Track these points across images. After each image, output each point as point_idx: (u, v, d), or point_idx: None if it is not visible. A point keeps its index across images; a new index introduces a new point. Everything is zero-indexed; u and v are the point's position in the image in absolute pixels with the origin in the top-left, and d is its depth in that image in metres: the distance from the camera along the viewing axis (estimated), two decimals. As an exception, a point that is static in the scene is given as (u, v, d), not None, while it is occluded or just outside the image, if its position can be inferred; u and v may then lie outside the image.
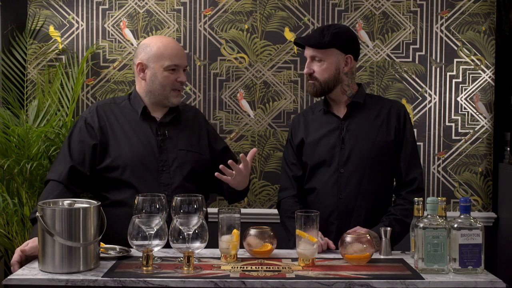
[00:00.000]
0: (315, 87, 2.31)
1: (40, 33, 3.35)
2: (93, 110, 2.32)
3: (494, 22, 3.30)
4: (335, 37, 2.27)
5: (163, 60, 2.27)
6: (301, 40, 2.34)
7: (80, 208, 1.82)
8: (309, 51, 2.31)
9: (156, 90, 2.29)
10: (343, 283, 1.74)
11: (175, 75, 2.28)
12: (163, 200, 1.90)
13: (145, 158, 2.25)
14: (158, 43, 2.29)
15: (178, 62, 2.28)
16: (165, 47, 2.28)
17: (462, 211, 1.85)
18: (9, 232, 3.02)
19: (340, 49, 2.29)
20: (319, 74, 2.30)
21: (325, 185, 2.32)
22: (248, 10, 3.32)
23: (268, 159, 3.34)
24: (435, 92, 3.32)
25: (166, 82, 2.27)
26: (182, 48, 2.35)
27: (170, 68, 2.27)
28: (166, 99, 2.29)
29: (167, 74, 2.27)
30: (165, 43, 2.30)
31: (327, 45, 2.27)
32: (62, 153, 2.27)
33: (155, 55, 2.27)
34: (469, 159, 3.32)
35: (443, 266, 1.82)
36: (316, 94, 2.34)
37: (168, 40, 2.33)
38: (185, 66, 2.32)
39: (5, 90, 3.27)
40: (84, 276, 1.77)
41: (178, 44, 2.35)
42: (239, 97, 3.34)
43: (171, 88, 2.28)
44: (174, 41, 2.34)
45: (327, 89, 2.31)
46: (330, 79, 2.29)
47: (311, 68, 2.31)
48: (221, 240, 1.98)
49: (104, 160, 2.25)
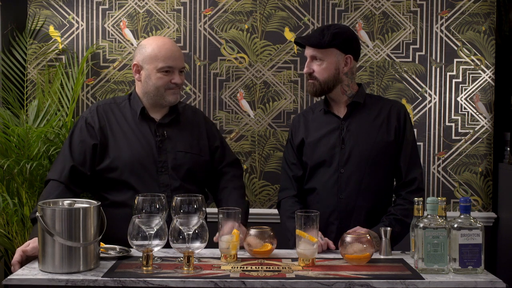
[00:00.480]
0: (314, 87, 2.31)
1: (40, 33, 3.35)
2: (93, 110, 2.32)
3: (494, 22, 3.30)
4: (335, 37, 2.27)
5: (157, 62, 2.24)
6: (301, 40, 2.34)
7: (80, 208, 1.82)
8: (309, 50, 2.32)
9: (151, 91, 2.27)
10: (343, 283, 1.74)
11: (169, 76, 2.25)
12: (163, 200, 1.90)
13: (144, 159, 2.24)
14: (153, 44, 2.26)
15: (172, 64, 2.24)
16: (159, 48, 2.24)
17: (462, 211, 1.85)
18: (9, 232, 3.02)
19: (340, 49, 2.29)
20: (318, 73, 2.30)
21: (325, 185, 2.32)
22: (248, 10, 3.32)
23: (268, 159, 3.34)
24: (435, 92, 3.32)
25: (159, 84, 2.25)
26: (179, 49, 2.32)
27: (164, 69, 2.24)
28: (163, 99, 2.27)
29: (160, 75, 2.24)
30: (160, 44, 2.26)
31: (327, 45, 2.27)
32: (62, 152, 2.27)
33: (149, 57, 2.25)
34: (469, 159, 3.32)
35: (443, 266, 1.82)
36: (315, 94, 2.34)
37: (164, 42, 2.28)
38: (180, 67, 2.28)
39: (5, 90, 3.28)
40: (84, 276, 1.77)
41: (174, 45, 2.30)
42: (239, 97, 3.34)
43: (166, 88, 2.26)
44: (170, 42, 2.29)
45: (327, 89, 2.31)
46: (330, 79, 2.30)
47: (311, 67, 2.31)
48: (221, 240, 1.98)
49: (104, 160, 2.25)
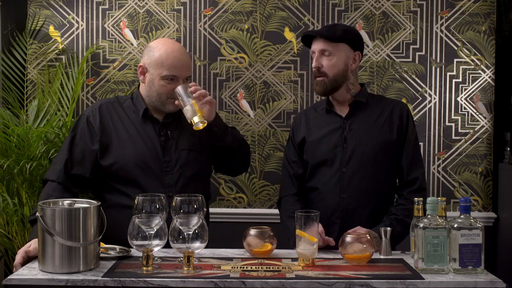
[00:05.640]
0: (324, 85, 2.28)
1: (40, 33, 3.35)
2: (96, 109, 2.30)
3: (494, 22, 3.30)
4: (345, 32, 2.28)
5: (162, 69, 2.21)
6: (313, 32, 2.31)
7: (80, 208, 1.82)
8: (319, 44, 2.28)
9: (153, 96, 2.26)
10: (343, 283, 1.74)
11: (173, 85, 2.22)
12: (163, 200, 1.90)
13: (149, 160, 2.23)
14: (161, 50, 2.23)
15: (176, 73, 2.22)
16: (167, 55, 2.21)
17: (462, 211, 1.85)
18: (9, 232, 3.02)
19: (350, 44, 2.29)
20: (328, 69, 2.27)
21: (327, 184, 2.32)
22: (248, 10, 3.32)
23: (268, 159, 3.34)
24: (435, 92, 3.32)
25: (162, 91, 2.23)
26: (188, 57, 2.27)
27: (168, 77, 2.22)
28: (163, 106, 2.26)
29: (163, 83, 2.22)
30: (168, 51, 2.22)
31: (339, 38, 2.26)
32: (62, 152, 2.26)
33: (156, 62, 2.23)
34: (469, 159, 3.32)
35: (443, 266, 1.82)
36: (325, 93, 2.30)
37: (173, 48, 2.23)
38: (185, 77, 2.25)
39: (5, 90, 3.27)
40: (84, 276, 1.77)
41: (182, 52, 2.25)
42: (239, 97, 3.34)
43: (168, 97, 2.24)
44: (179, 50, 2.25)
45: (336, 86, 2.29)
46: (339, 74, 2.27)
47: (320, 62, 2.28)
48: (185, 109, 2.17)
49: (107, 160, 2.23)
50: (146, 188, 2.19)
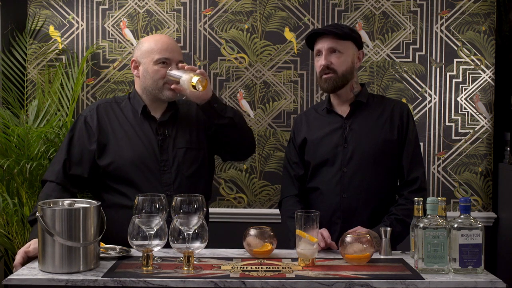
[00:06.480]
0: (333, 80, 2.27)
1: (40, 33, 3.35)
2: (93, 109, 2.31)
3: (494, 22, 3.30)
4: (351, 31, 2.31)
5: (153, 54, 2.26)
6: (322, 29, 2.30)
7: (80, 208, 1.82)
8: (327, 43, 2.28)
9: (149, 85, 2.28)
10: (343, 283, 1.74)
11: (166, 68, 2.25)
12: (163, 200, 1.90)
13: (147, 159, 2.24)
14: (150, 40, 2.31)
15: (168, 56, 2.26)
16: (156, 42, 2.28)
17: (462, 211, 1.85)
18: (9, 232, 3.02)
19: (355, 43, 2.31)
20: (337, 66, 2.27)
21: (328, 184, 2.32)
22: (248, 10, 3.32)
23: (268, 159, 3.34)
24: (435, 92, 3.32)
25: (157, 77, 2.25)
26: (176, 43, 2.34)
27: (160, 61, 2.25)
28: (160, 93, 2.27)
29: (157, 67, 2.25)
30: (156, 38, 2.31)
31: (347, 36, 2.27)
32: (60, 152, 2.26)
33: (146, 51, 2.28)
34: (469, 159, 3.32)
35: (443, 266, 1.82)
36: (334, 88, 2.29)
37: (160, 36, 2.35)
38: (177, 60, 2.28)
39: (5, 90, 3.28)
40: (84, 276, 1.77)
41: (170, 39, 2.34)
42: (239, 97, 3.34)
43: (164, 82, 2.25)
44: (166, 37, 2.34)
45: (344, 83, 2.29)
46: (348, 72, 2.28)
47: (329, 59, 2.28)
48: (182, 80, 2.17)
49: (105, 160, 2.24)
50: (143, 187, 2.19)
